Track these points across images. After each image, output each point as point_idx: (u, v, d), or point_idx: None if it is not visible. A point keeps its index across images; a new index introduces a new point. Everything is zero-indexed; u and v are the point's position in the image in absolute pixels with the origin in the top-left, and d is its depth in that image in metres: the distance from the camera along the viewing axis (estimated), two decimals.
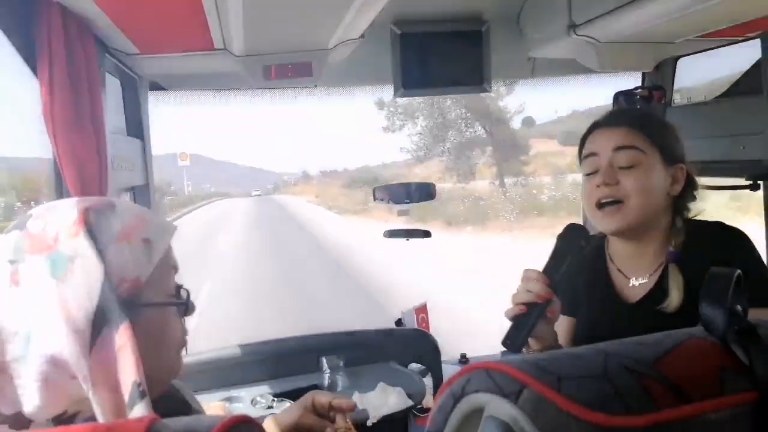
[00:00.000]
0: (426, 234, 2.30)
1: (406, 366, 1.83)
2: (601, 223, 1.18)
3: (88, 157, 1.23)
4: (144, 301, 0.69)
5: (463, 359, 2.23)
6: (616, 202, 1.13)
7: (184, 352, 0.81)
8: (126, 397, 0.62)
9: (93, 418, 0.63)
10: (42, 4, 1.12)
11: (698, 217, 1.22)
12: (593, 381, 0.41)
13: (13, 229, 0.67)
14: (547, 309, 1.06)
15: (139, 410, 0.62)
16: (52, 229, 0.65)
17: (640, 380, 0.41)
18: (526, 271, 1.08)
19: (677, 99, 2.11)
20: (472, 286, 9.15)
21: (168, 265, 0.75)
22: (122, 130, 1.73)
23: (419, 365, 1.85)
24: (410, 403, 1.55)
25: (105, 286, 0.64)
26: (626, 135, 1.15)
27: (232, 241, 18.01)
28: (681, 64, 2.08)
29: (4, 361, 0.62)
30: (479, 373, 0.44)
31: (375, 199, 2.33)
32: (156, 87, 1.88)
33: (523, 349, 1.13)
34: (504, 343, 1.05)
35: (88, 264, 0.64)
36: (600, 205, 1.16)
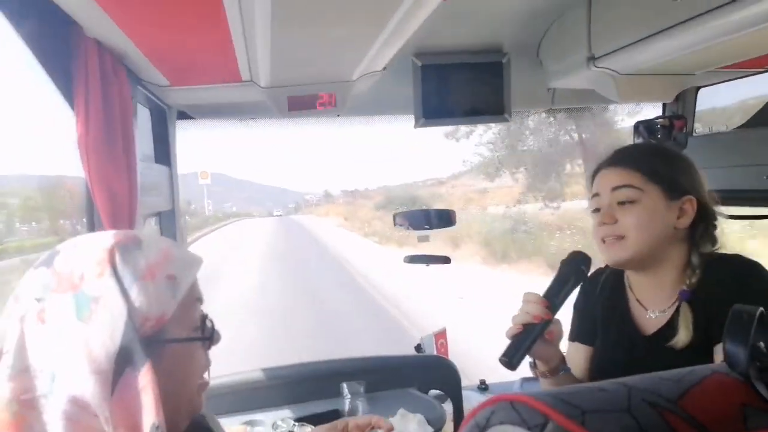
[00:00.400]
0: (446, 260, 2.31)
1: (427, 392, 1.83)
2: (604, 256, 1.24)
3: (119, 184, 1.27)
4: (168, 337, 0.70)
5: (483, 385, 2.22)
6: (618, 237, 1.19)
7: (206, 376, 0.82)
8: None
9: None
10: (79, 39, 1.17)
11: (720, 250, 1.22)
12: (617, 416, 0.41)
13: (41, 265, 0.68)
14: (545, 330, 1.13)
15: None
16: (78, 267, 0.66)
17: (663, 416, 0.41)
18: (526, 294, 1.15)
19: (699, 128, 2.11)
20: None
21: (192, 298, 0.75)
22: (150, 158, 1.79)
23: (439, 392, 1.84)
24: (431, 430, 1.54)
25: (128, 327, 0.64)
26: (622, 175, 1.20)
27: (249, 290, 12.42)
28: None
29: (33, 397, 0.63)
30: (504, 405, 0.45)
31: (395, 224, 2.35)
32: (184, 116, 1.94)
33: (531, 370, 1.21)
34: (501, 360, 1.11)
35: (112, 305, 0.64)
36: (603, 240, 1.22)
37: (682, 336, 1.12)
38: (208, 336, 0.77)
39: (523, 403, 0.44)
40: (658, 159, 1.23)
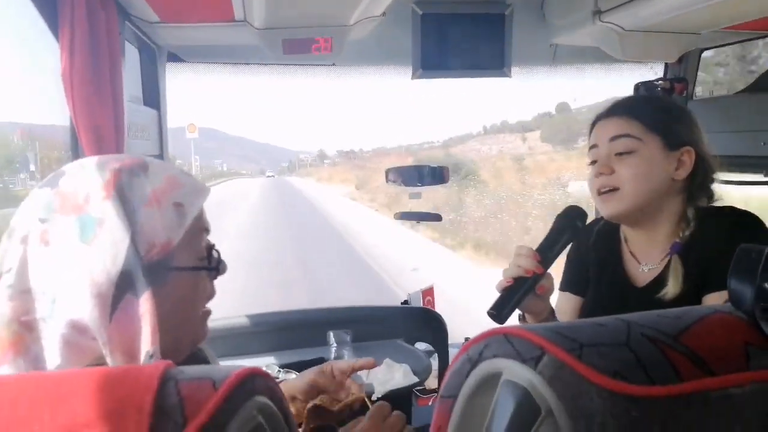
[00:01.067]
0: (437, 217, 2.30)
1: (413, 344, 1.84)
2: (600, 209, 1.22)
3: (106, 123, 1.23)
4: (175, 265, 0.69)
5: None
6: (614, 189, 1.17)
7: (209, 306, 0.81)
8: (138, 363, 0.63)
9: None
10: None
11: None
12: (615, 349, 0.40)
13: (46, 185, 0.67)
14: (537, 285, 1.11)
15: None
16: (84, 189, 0.65)
17: (663, 351, 0.40)
18: (518, 247, 1.13)
19: (699, 92, 2.08)
20: None
21: (200, 228, 0.75)
22: (139, 100, 1.74)
23: (426, 344, 1.86)
24: (416, 380, 1.56)
25: (131, 252, 0.63)
26: (621, 124, 1.17)
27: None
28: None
29: (33, 319, 0.62)
30: (498, 338, 0.44)
31: (387, 180, 2.33)
32: (174, 58, 1.88)
33: (519, 323, 1.18)
34: (489, 313, 1.09)
35: (116, 229, 0.64)
36: (599, 192, 1.20)
37: (671, 288, 1.12)
38: (214, 266, 0.76)
39: (518, 336, 0.43)
40: (658, 109, 1.20)
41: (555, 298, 1.28)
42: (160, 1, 1.35)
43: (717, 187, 1.22)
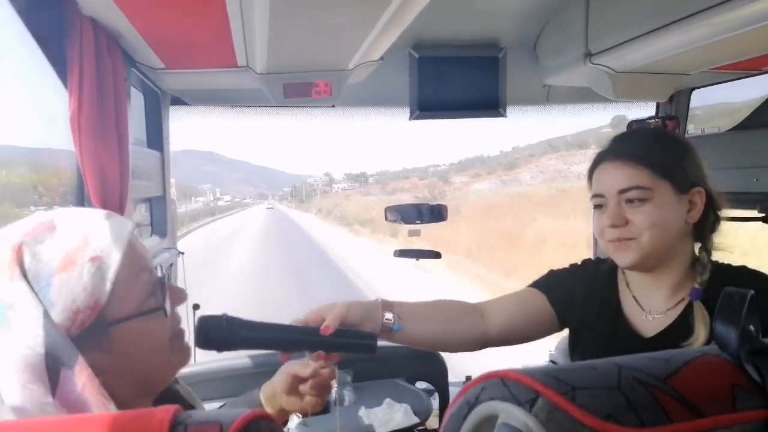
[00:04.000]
0: (436, 255, 2.31)
1: (414, 383, 1.83)
2: (615, 258, 1.16)
3: (111, 167, 1.26)
4: (113, 318, 0.65)
5: (469, 380, 2.22)
6: (629, 239, 1.11)
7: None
8: None
9: None
10: (74, 16, 1.16)
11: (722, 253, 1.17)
12: (607, 392, 0.42)
13: None
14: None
15: None
16: None
17: (652, 393, 0.41)
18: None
19: (691, 129, 2.13)
20: None
21: (135, 271, 0.70)
22: (143, 142, 1.78)
23: (426, 384, 1.85)
24: (416, 420, 1.55)
25: (48, 329, 0.59)
26: (628, 174, 1.11)
27: None
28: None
29: None
30: (495, 382, 0.45)
31: (387, 219, 2.35)
32: (177, 101, 1.93)
33: None
34: None
35: (27, 309, 0.60)
36: (611, 241, 1.14)
37: (701, 335, 1.06)
38: (159, 306, 0.71)
39: (514, 380, 0.44)
40: (666, 150, 1.14)
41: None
42: (164, 49, 1.40)
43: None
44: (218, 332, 0.92)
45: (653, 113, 2.23)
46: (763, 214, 1.89)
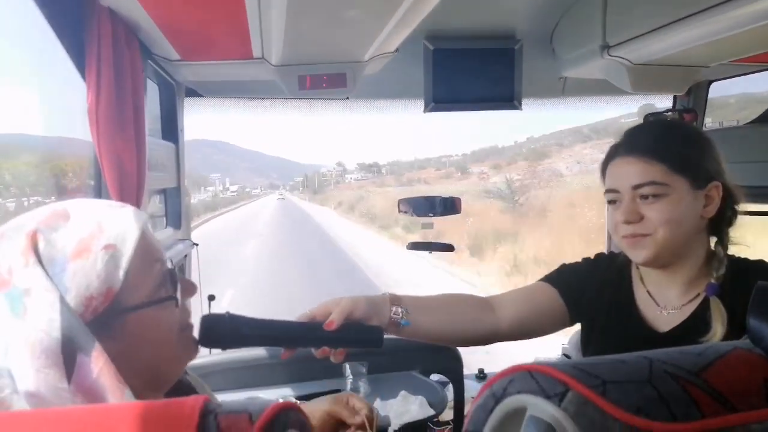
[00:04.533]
0: (449, 248, 2.31)
1: (428, 376, 1.84)
2: (630, 255, 1.15)
3: (128, 158, 1.26)
4: (123, 308, 0.66)
5: (481, 374, 2.22)
6: (644, 235, 1.10)
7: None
8: None
9: None
10: (93, 8, 1.16)
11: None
12: (637, 386, 0.41)
13: None
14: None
15: None
16: (6, 261, 0.62)
17: (684, 387, 0.41)
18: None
19: (709, 122, 2.10)
20: None
21: (147, 261, 0.70)
22: (158, 133, 1.78)
23: (441, 376, 1.85)
24: (432, 412, 1.55)
25: (65, 315, 0.60)
26: (643, 169, 1.09)
27: None
28: None
29: (4, 397, 0.60)
30: (522, 375, 0.45)
31: (399, 211, 2.35)
32: (192, 93, 1.93)
33: None
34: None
35: (43, 295, 0.60)
36: (625, 237, 1.13)
37: (719, 331, 1.05)
38: (171, 294, 0.72)
39: (543, 373, 0.44)
40: (682, 144, 1.11)
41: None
42: (181, 41, 1.40)
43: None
44: (221, 331, 0.91)
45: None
46: None
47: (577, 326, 1.35)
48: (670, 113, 1.99)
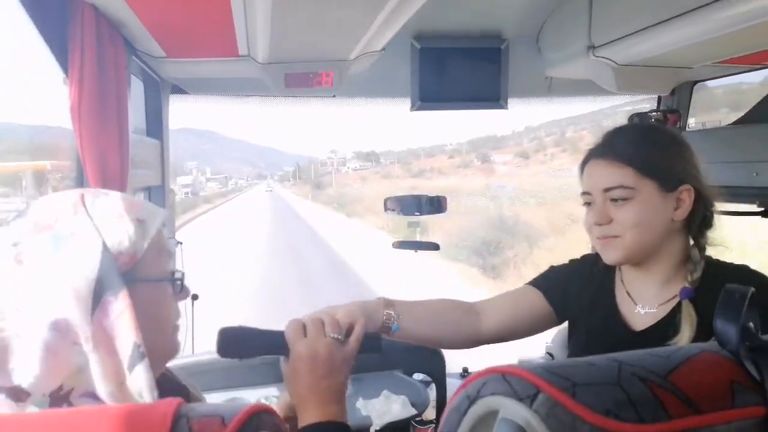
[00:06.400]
0: (435, 246, 2.31)
1: (411, 375, 1.84)
2: (602, 255, 1.19)
3: (111, 155, 1.25)
4: (139, 276, 0.74)
5: (465, 373, 2.23)
6: (614, 236, 1.14)
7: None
8: (126, 359, 0.67)
9: (88, 394, 0.66)
10: (76, 4, 1.15)
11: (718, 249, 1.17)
12: (606, 388, 0.42)
13: (15, 218, 0.73)
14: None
15: (139, 371, 0.67)
16: (53, 212, 0.71)
17: (652, 390, 0.42)
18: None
19: (692, 123, 2.12)
20: None
21: (161, 248, 0.79)
22: (142, 131, 1.77)
23: (424, 375, 1.86)
24: (414, 412, 1.55)
25: (104, 257, 0.69)
26: (612, 173, 1.13)
27: None
28: None
29: (5, 337, 0.65)
30: (495, 377, 0.45)
31: (386, 209, 2.35)
32: (177, 90, 1.92)
33: None
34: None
35: (87, 238, 0.69)
36: (598, 239, 1.17)
37: (686, 335, 1.07)
38: (178, 280, 0.81)
39: (515, 375, 0.44)
40: (652, 148, 1.14)
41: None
42: (166, 38, 1.39)
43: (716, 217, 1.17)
44: (238, 342, 0.99)
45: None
46: (763, 209, 1.89)
47: (562, 325, 1.38)
48: (654, 114, 2.02)
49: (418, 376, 1.88)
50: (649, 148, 1.14)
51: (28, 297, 0.66)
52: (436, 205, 2.30)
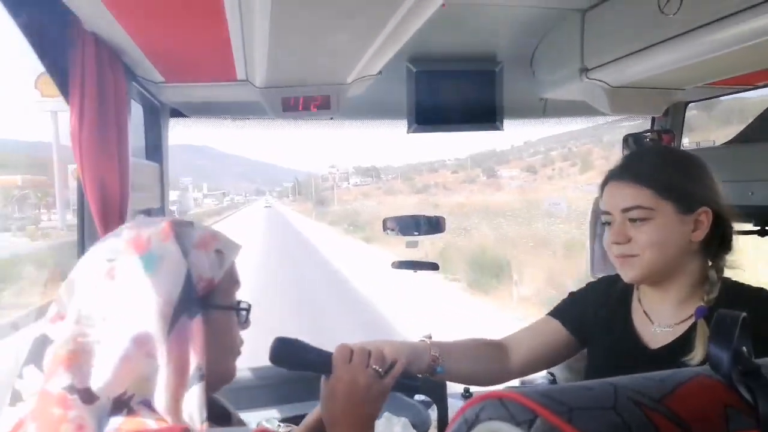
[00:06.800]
0: (434, 267, 2.31)
1: (412, 397, 1.83)
2: (620, 273, 1.22)
3: (111, 180, 1.27)
4: (214, 303, 0.82)
5: (467, 393, 2.22)
6: (632, 256, 1.16)
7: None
8: (187, 378, 0.74)
9: (145, 402, 0.73)
10: (77, 32, 1.17)
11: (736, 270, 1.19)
12: (602, 413, 0.43)
13: (110, 237, 0.81)
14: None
15: (195, 390, 0.74)
16: (145, 234, 0.79)
17: (647, 414, 0.42)
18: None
19: (686, 143, 2.15)
20: None
21: (233, 279, 0.88)
22: (141, 154, 1.78)
23: (425, 397, 1.85)
24: None
25: (187, 281, 0.77)
26: (631, 193, 1.16)
27: None
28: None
29: (88, 342, 0.72)
30: (493, 402, 0.46)
31: (385, 229, 2.35)
32: (176, 113, 1.94)
33: None
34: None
35: (175, 262, 0.77)
36: (617, 257, 1.20)
37: (699, 353, 1.09)
38: (246, 308, 0.89)
39: (512, 400, 0.45)
40: (671, 170, 1.17)
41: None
42: (165, 64, 1.41)
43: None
44: (291, 353, 1.05)
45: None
46: (758, 228, 1.90)
47: None
48: (649, 134, 2.04)
49: (419, 397, 1.87)
50: (668, 170, 1.17)
51: (116, 309, 0.73)
52: (434, 224, 2.31)
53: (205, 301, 0.80)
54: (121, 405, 0.72)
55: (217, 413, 0.89)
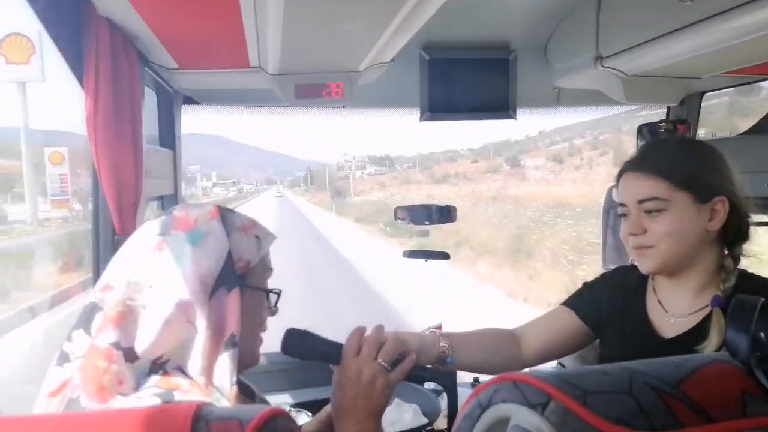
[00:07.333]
0: (445, 256, 2.31)
1: (422, 384, 1.84)
2: (637, 263, 1.22)
3: (126, 166, 1.27)
4: (248, 284, 0.90)
5: (476, 382, 2.23)
6: (648, 247, 1.16)
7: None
8: (222, 343, 0.82)
9: (178, 368, 0.80)
10: (91, 18, 1.17)
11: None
12: (618, 397, 0.42)
13: (161, 215, 0.90)
14: None
15: (227, 356, 0.82)
16: (193, 214, 0.88)
17: (664, 398, 0.42)
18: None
19: (701, 133, 2.12)
20: None
21: (267, 265, 0.96)
22: (155, 140, 1.79)
23: (435, 384, 1.85)
24: (425, 420, 1.55)
25: (228, 257, 0.85)
26: (647, 184, 1.15)
27: None
28: None
29: (136, 306, 0.80)
30: (507, 384, 0.46)
31: (396, 218, 2.36)
32: (189, 101, 1.94)
33: None
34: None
35: (219, 239, 0.86)
36: (633, 248, 1.20)
37: (714, 342, 1.09)
38: (277, 291, 0.97)
39: (526, 383, 0.45)
40: (686, 161, 1.17)
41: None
42: (178, 50, 1.41)
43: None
44: (302, 344, 1.06)
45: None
46: None
47: None
48: (663, 124, 2.02)
49: (429, 385, 1.88)
50: (683, 161, 1.17)
51: (162, 277, 0.81)
52: (446, 213, 2.31)
53: (242, 280, 0.87)
54: (157, 368, 0.79)
55: (242, 390, 0.94)
